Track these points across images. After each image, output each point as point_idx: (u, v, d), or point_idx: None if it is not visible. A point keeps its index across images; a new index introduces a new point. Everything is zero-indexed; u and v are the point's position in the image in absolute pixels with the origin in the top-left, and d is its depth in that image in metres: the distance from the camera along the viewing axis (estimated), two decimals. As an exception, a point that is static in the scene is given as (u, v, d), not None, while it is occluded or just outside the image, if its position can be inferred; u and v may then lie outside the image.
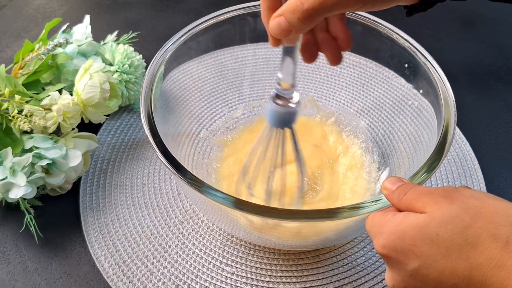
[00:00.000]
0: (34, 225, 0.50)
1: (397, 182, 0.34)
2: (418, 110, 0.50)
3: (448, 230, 0.29)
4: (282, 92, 0.40)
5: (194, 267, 0.48)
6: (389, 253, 0.31)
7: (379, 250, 0.31)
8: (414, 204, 0.31)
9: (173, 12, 0.78)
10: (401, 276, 0.31)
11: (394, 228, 0.31)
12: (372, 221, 0.33)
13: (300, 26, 0.32)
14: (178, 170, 0.38)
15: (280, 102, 0.41)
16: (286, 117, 0.42)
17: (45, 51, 0.55)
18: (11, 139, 0.50)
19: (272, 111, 0.41)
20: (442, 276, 0.29)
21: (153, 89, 0.44)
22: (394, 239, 0.30)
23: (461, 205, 0.29)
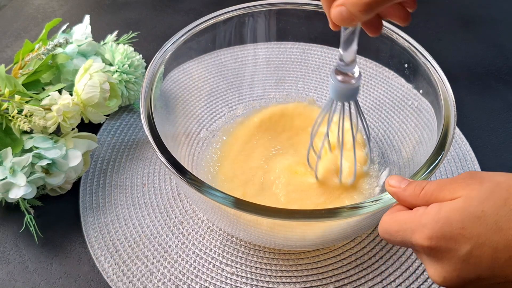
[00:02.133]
0: (34, 225, 0.50)
1: (403, 180, 0.34)
2: (418, 110, 0.50)
3: (491, 205, 0.29)
4: (344, 68, 0.42)
5: (194, 267, 0.48)
6: (438, 243, 0.30)
7: (425, 243, 0.30)
8: (438, 195, 0.31)
9: (173, 12, 0.78)
10: (453, 265, 0.30)
11: (435, 217, 0.30)
12: (398, 222, 0.32)
13: (361, 16, 0.33)
14: (178, 170, 0.39)
15: (341, 78, 0.42)
16: (351, 92, 0.43)
17: (45, 51, 0.55)
18: (11, 139, 0.50)
19: (335, 87, 0.43)
20: (497, 251, 0.28)
21: (153, 89, 0.44)
22: (440, 227, 0.29)
23: (492, 182, 0.30)
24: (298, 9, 0.53)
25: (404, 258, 0.48)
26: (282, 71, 0.61)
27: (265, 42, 0.58)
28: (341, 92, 0.43)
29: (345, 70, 0.42)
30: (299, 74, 0.62)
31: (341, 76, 0.42)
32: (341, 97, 0.43)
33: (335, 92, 0.43)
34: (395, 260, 0.48)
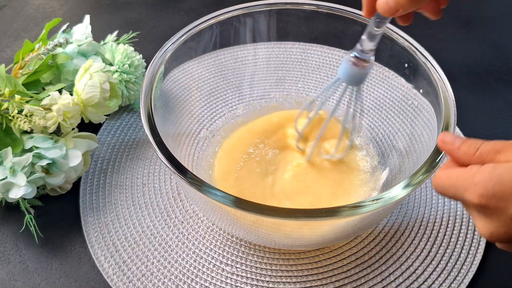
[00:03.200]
0: (34, 225, 0.50)
1: (457, 139, 0.35)
2: (418, 110, 0.50)
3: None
4: (363, 55, 0.43)
5: (194, 267, 0.48)
6: (488, 201, 0.31)
7: (476, 201, 0.31)
8: (493, 156, 0.32)
9: (173, 12, 0.78)
10: (501, 222, 0.31)
11: (489, 176, 0.31)
12: (451, 178, 0.33)
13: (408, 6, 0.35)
14: (178, 170, 0.38)
15: (357, 63, 0.43)
16: (360, 77, 0.45)
17: (45, 51, 0.55)
18: (11, 139, 0.50)
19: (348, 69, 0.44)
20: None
21: (153, 89, 0.44)
22: (492, 186, 0.30)
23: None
24: (298, 9, 0.53)
25: (404, 258, 0.48)
26: (282, 71, 0.61)
27: (265, 42, 0.58)
28: (351, 74, 0.44)
29: (362, 56, 0.43)
30: (299, 74, 0.62)
31: (355, 59, 0.43)
32: (350, 79, 0.45)
33: (345, 73, 0.44)
34: (395, 260, 0.48)
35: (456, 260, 0.48)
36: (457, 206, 0.53)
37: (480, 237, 0.50)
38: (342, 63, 0.44)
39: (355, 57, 0.43)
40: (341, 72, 0.45)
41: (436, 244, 0.49)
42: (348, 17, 0.51)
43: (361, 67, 0.43)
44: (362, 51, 0.43)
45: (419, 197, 0.53)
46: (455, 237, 0.50)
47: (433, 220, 0.51)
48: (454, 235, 0.50)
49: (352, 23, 0.52)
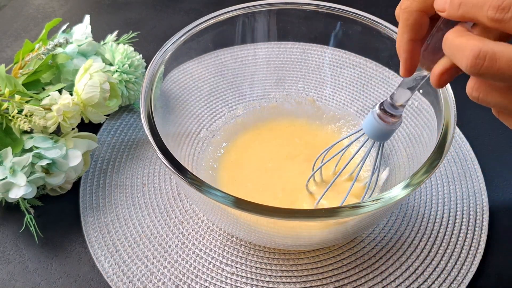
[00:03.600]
0: (34, 225, 0.50)
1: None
2: (418, 110, 0.50)
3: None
4: (392, 109, 0.40)
5: (194, 267, 0.48)
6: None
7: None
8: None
9: (173, 12, 0.78)
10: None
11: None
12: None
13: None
14: (178, 170, 0.38)
15: (384, 117, 0.40)
16: (387, 133, 0.41)
17: (45, 51, 0.55)
18: (11, 139, 0.50)
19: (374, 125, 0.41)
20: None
21: (153, 89, 0.44)
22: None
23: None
24: (298, 9, 0.53)
25: (404, 258, 0.48)
26: (282, 71, 0.61)
27: (265, 42, 0.58)
28: (378, 129, 0.41)
29: (392, 112, 0.40)
30: (299, 74, 0.62)
31: (383, 114, 0.40)
32: (376, 135, 0.41)
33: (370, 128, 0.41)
34: (395, 260, 0.48)
35: (456, 260, 0.48)
36: (456, 206, 0.53)
37: (480, 236, 0.50)
38: (368, 115, 0.41)
39: (383, 111, 0.40)
40: (367, 126, 0.41)
41: (436, 244, 0.50)
42: (348, 17, 0.51)
43: (389, 123, 0.40)
44: (392, 105, 0.39)
45: (419, 197, 0.53)
46: (455, 237, 0.50)
47: (433, 220, 0.51)
48: (454, 235, 0.50)
49: (352, 23, 0.52)
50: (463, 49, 0.28)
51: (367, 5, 0.77)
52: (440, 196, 0.53)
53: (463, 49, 0.28)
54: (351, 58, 0.60)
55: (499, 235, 0.51)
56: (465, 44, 0.28)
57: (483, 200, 0.53)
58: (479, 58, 0.27)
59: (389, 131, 0.41)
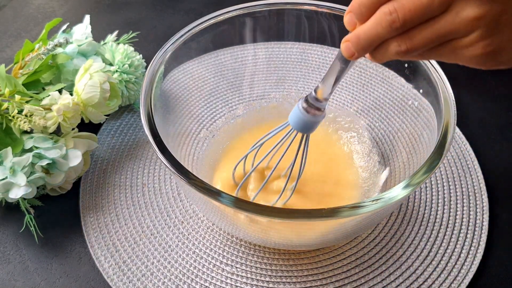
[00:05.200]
0: (34, 225, 0.50)
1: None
2: (418, 110, 0.50)
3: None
4: (316, 102, 0.41)
5: (194, 267, 0.48)
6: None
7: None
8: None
9: (173, 12, 0.78)
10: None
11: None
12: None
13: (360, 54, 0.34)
14: (178, 170, 0.38)
15: (309, 110, 0.41)
16: (310, 125, 0.43)
17: (45, 51, 0.55)
18: (11, 139, 0.50)
19: (299, 116, 0.42)
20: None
21: (153, 89, 0.44)
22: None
23: None
24: (298, 9, 0.53)
25: (404, 258, 0.48)
26: (282, 71, 0.61)
27: (265, 42, 0.58)
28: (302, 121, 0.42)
29: (316, 104, 0.41)
30: (299, 74, 0.62)
31: (308, 106, 0.41)
32: (300, 126, 0.43)
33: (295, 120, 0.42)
34: (395, 260, 0.48)
35: (456, 260, 0.48)
36: (456, 206, 0.53)
37: (480, 236, 0.50)
38: (294, 108, 0.42)
39: (308, 103, 0.41)
40: (292, 117, 0.43)
41: (436, 244, 0.50)
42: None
43: (313, 114, 0.41)
44: (316, 98, 0.41)
45: (419, 197, 0.53)
46: (455, 237, 0.50)
47: (433, 220, 0.51)
48: (454, 235, 0.50)
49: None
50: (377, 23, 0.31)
51: (367, 5, 0.77)
52: (440, 196, 0.53)
53: (377, 23, 0.31)
54: (351, 58, 0.59)
55: (499, 235, 0.51)
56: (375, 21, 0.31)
57: (483, 200, 0.53)
58: (391, 15, 0.30)
59: (313, 122, 0.42)
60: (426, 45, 0.31)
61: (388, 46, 0.32)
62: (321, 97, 0.40)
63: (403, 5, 0.29)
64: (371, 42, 0.32)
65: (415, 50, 0.31)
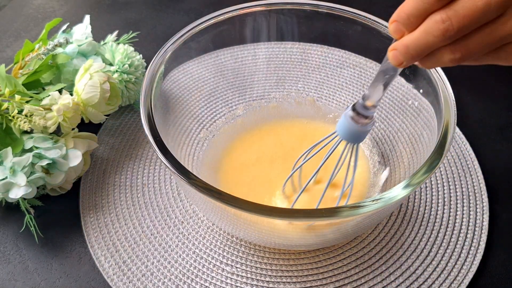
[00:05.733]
0: (34, 225, 0.50)
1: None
2: (418, 110, 0.50)
3: None
4: (364, 110, 0.40)
5: (194, 267, 0.48)
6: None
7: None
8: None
9: (173, 12, 0.78)
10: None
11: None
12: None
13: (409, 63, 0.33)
14: (178, 170, 0.38)
15: (357, 119, 0.40)
16: (360, 135, 0.41)
17: (45, 51, 0.55)
18: (11, 139, 0.50)
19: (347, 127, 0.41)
20: None
21: (153, 89, 0.44)
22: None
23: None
24: (298, 9, 0.53)
25: (404, 258, 0.48)
26: (282, 71, 0.61)
27: (265, 42, 0.58)
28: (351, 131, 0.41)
29: (364, 113, 0.40)
30: (299, 74, 0.62)
31: (356, 115, 0.40)
32: (349, 137, 0.42)
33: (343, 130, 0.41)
34: (395, 260, 0.48)
35: (456, 260, 0.48)
36: (456, 206, 0.53)
37: (480, 236, 0.50)
38: (342, 118, 0.41)
39: (356, 112, 0.40)
40: (340, 128, 0.41)
41: (436, 244, 0.50)
42: (348, 17, 0.51)
43: (362, 124, 0.40)
44: (364, 106, 0.39)
45: (419, 197, 0.53)
46: (455, 237, 0.50)
47: (433, 220, 0.51)
48: (454, 235, 0.50)
49: (352, 23, 0.52)
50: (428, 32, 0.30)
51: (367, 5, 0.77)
52: (440, 196, 0.53)
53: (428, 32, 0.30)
54: (351, 58, 0.60)
55: (499, 235, 0.51)
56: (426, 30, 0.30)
57: (483, 200, 0.53)
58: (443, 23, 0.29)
59: (363, 132, 0.41)
60: (482, 50, 0.30)
61: (440, 54, 0.31)
62: (370, 104, 0.39)
63: (456, 12, 0.28)
64: (421, 51, 0.31)
65: (470, 57, 0.30)
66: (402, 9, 0.31)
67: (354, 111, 0.40)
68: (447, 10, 0.29)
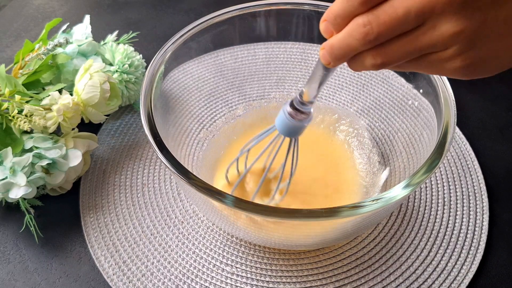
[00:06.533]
0: (34, 225, 0.50)
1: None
2: (418, 110, 0.50)
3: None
4: (301, 106, 0.41)
5: (194, 267, 0.48)
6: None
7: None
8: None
9: (173, 12, 0.78)
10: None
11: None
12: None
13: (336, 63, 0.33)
14: (178, 170, 0.38)
15: (294, 114, 0.41)
16: (296, 130, 0.42)
17: (45, 51, 0.55)
18: (11, 139, 0.50)
19: (284, 121, 0.42)
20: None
21: (153, 89, 0.44)
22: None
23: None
24: (298, 9, 0.53)
25: (404, 258, 0.48)
26: (282, 71, 0.61)
27: (265, 42, 0.58)
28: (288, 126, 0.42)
29: (301, 108, 0.41)
30: (299, 74, 0.62)
31: (293, 111, 0.41)
32: (286, 131, 0.42)
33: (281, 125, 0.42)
34: (395, 260, 0.48)
35: (456, 260, 0.48)
36: (456, 206, 0.53)
37: (480, 236, 0.50)
38: (280, 113, 0.42)
39: (294, 108, 0.41)
40: (278, 122, 0.42)
41: (436, 244, 0.50)
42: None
43: (299, 119, 0.41)
44: (301, 102, 0.40)
45: (419, 197, 0.53)
46: (455, 237, 0.50)
47: (433, 220, 0.51)
48: (454, 235, 0.50)
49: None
50: (350, 35, 0.30)
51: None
52: (440, 196, 0.53)
53: (350, 35, 0.30)
54: (351, 58, 0.59)
55: (499, 235, 0.51)
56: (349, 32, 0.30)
57: (483, 200, 0.53)
58: (364, 27, 0.29)
59: (299, 127, 0.42)
60: (402, 58, 0.30)
61: (363, 57, 0.31)
62: (307, 99, 0.40)
63: (377, 17, 0.28)
64: (345, 53, 0.31)
65: (391, 64, 0.30)
66: (330, 9, 0.31)
67: (292, 107, 0.41)
68: (369, 15, 0.29)
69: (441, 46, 0.28)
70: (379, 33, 0.28)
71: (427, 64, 0.30)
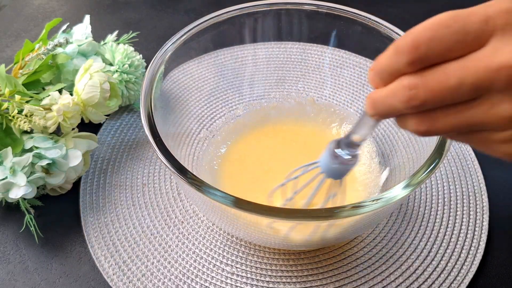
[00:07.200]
0: (34, 225, 0.50)
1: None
2: (418, 110, 0.50)
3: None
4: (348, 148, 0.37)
5: (194, 267, 0.48)
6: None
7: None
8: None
9: (173, 12, 0.78)
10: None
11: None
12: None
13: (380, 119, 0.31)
14: (178, 170, 0.38)
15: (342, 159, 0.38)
16: (342, 172, 0.40)
17: (45, 51, 0.55)
18: (11, 139, 0.50)
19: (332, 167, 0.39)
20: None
21: (153, 89, 0.44)
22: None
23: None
24: (298, 9, 0.53)
25: (404, 258, 0.48)
26: (282, 71, 0.61)
27: (265, 42, 0.58)
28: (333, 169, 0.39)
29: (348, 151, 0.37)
30: (299, 74, 0.62)
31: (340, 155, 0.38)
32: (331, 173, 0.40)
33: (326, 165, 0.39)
34: (395, 260, 0.48)
35: (456, 260, 0.48)
36: (456, 206, 0.53)
37: (480, 236, 0.50)
38: (326, 151, 0.39)
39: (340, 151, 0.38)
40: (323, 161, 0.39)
41: (436, 244, 0.50)
42: (348, 17, 0.51)
43: (345, 164, 0.38)
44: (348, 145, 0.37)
45: (419, 197, 0.53)
46: (455, 237, 0.50)
47: (433, 220, 0.51)
48: (454, 235, 0.50)
49: (352, 23, 0.52)
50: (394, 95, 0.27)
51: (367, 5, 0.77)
52: (440, 196, 0.53)
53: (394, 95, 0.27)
54: (351, 58, 0.60)
55: (499, 235, 0.51)
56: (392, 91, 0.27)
57: (483, 200, 0.53)
58: (410, 90, 0.26)
59: (346, 170, 0.39)
60: (448, 131, 0.27)
61: (407, 121, 0.28)
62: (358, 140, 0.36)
63: (426, 82, 0.25)
64: (387, 111, 0.28)
65: (436, 134, 0.27)
66: (378, 60, 0.28)
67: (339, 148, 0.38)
68: (418, 77, 0.25)
69: (496, 127, 0.25)
70: (426, 100, 0.25)
71: (478, 141, 0.27)
